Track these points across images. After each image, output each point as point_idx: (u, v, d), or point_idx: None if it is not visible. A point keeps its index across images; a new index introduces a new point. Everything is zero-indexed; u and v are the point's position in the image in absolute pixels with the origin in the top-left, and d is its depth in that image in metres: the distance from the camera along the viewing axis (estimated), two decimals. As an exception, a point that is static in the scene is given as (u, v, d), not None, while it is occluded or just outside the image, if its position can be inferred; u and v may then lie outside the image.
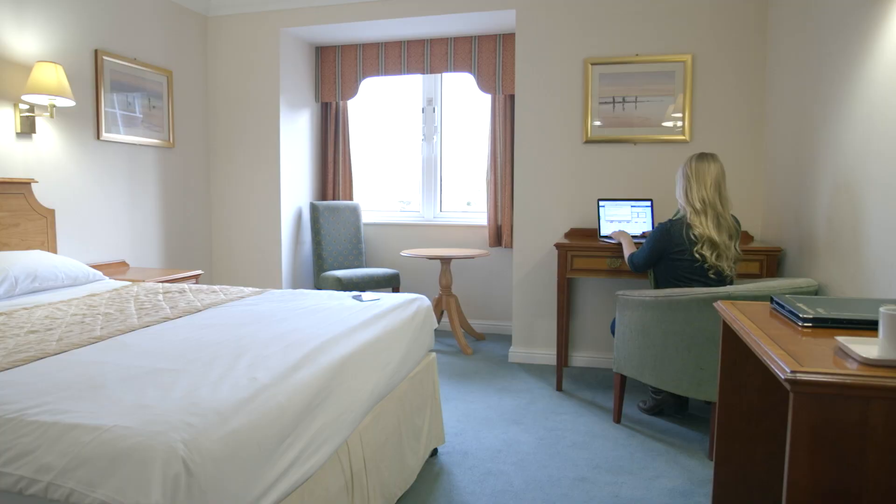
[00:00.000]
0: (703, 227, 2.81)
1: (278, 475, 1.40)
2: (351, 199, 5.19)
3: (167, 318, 2.24)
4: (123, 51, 3.98)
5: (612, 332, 3.20)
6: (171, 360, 1.65)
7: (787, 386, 1.12)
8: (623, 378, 3.07)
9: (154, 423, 1.21)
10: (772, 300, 1.66)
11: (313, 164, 5.17)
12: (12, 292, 2.72)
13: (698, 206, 2.83)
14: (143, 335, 1.97)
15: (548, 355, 4.07)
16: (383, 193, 5.42)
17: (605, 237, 3.64)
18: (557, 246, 3.54)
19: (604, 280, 3.97)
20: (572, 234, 3.97)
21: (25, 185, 3.30)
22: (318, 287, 4.78)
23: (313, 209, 4.81)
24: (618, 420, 3.09)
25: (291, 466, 1.45)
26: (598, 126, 3.94)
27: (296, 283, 4.95)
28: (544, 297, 4.08)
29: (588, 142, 3.96)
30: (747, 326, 1.47)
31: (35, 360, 1.67)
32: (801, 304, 1.52)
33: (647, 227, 3.69)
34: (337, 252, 4.84)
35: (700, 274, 2.85)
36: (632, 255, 3.11)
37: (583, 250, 3.52)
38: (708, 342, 2.63)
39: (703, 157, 2.88)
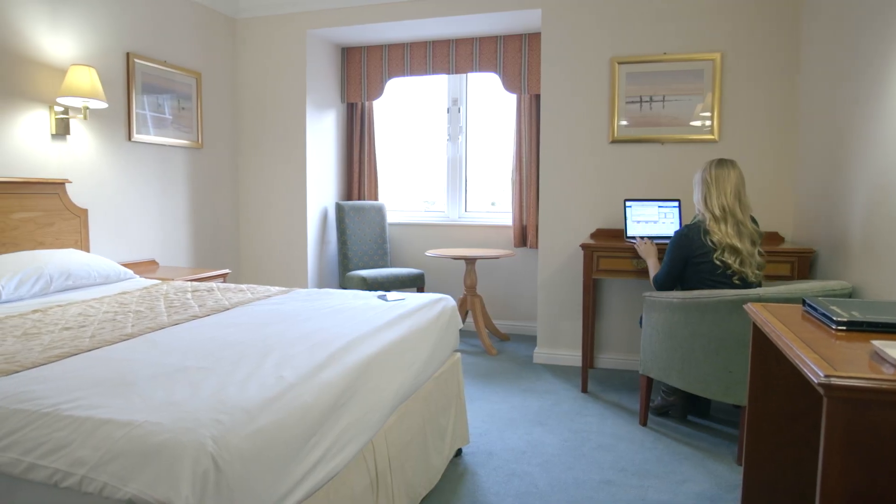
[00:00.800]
0: (723, 234, 2.77)
1: (304, 473, 1.41)
2: (376, 199, 5.21)
3: (196, 317, 2.27)
4: (154, 53, 4.05)
5: (641, 325, 3.18)
6: (199, 358, 1.68)
7: (821, 391, 1.09)
8: (649, 380, 3.03)
9: (184, 419, 1.23)
10: (804, 302, 1.63)
11: (339, 165, 5.21)
12: (47, 290, 2.79)
13: (718, 213, 2.79)
14: (172, 333, 2.01)
15: (573, 356, 4.05)
16: (408, 193, 5.44)
17: (632, 238, 3.60)
18: (583, 246, 3.51)
19: (630, 281, 3.93)
20: (598, 234, 3.94)
21: (60, 185, 3.38)
22: (343, 287, 4.82)
23: (339, 209, 4.85)
24: (644, 423, 3.06)
25: (317, 465, 1.46)
26: (625, 126, 3.90)
27: (321, 283, 4.99)
28: (569, 298, 4.05)
29: (614, 141, 3.92)
30: (778, 329, 1.45)
31: (69, 356, 1.71)
32: (834, 307, 1.49)
33: (676, 228, 3.64)
34: (362, 252, 4.87)
35: (724, 278, 2.80)
36: (655, 276, 3.06)
37: (609, 251, 3.49)
38: (737, 345, 2.58)
39: (722, 163, 2.85)
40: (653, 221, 3.66)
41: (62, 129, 3.42)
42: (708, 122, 3.76)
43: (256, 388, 1.44)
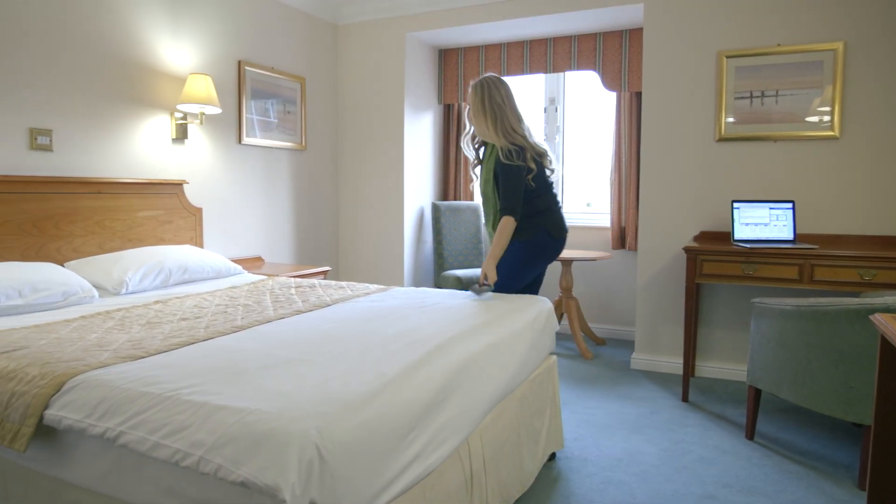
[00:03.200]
0: (533, 147, 2.80)
1: (402, 468, 1.43)
2: (472, 199, 5.24)
3: (299, 312, 2.36)
4: (262, 60, 4.27)
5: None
6: (304, 351, 1.74)
7: (968, 411, 0.98)
8: (757, 392, 2.86)
9: (290, 409, 1.28)
10: (943, 314, 1.48)
11: (435, 165, 5.28)
12: (167, 282, 3.00)
13: (526, 133, 2.79)
14: (278, 326, 2.10)
15: (673, 364, 3.89)
16: (502, 194, 5.41)
17: (739, 241, 3.41)
18: (686, 250, 3.37)
19: (736, 287, 3.73)
20: (703, 237, 3.76)
21: (178, 185, 3.63)
22: (438, 286, 4.87)
23: (435, 209, 4.91)
24: (751, 437, 2.89)
25: (415, 460, 1.48)
26: (732, 123, 3.70)
27: (417, 282, 5.07)
28: (670, 303, 3.89)
29: (721, 140, 3.73)
30: (914, 342, 1.32)
31: (187, 345, 1.83)
32: (981, 320, 1.34)
33: (789, 232, 3.42)
34: (457, 251, 4.90)
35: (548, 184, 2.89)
36: (505, 206, 2.72)
37: (714, 255, 3.32)
38: (859, 358, 2.38)
39: (496, 78, 2.82)
40: (763, 224, 3.45)
41: (181, 134, 3.67)
42: (827, 118, 3.49)
43: (357, 382, 1.48)
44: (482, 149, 2.94)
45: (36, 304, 2.41)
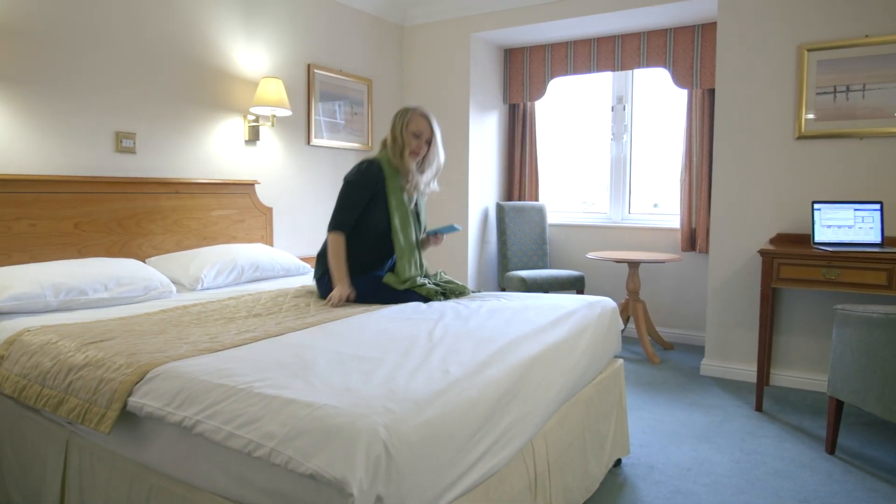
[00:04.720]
0: None
1: (467, 467, 1.43)
2: (536, 199, 5.19)
3: (367, 310, 2.40)
4: (331, 63, 4.36)
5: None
6: (371, 349, 1.77)
7: None
8: (839, 403, 2.71)
9: (359, 405, 1.30)
10: None
11: (500, 165, 5.26)
12: (239, 279, 3.11)
13: None
14: (346, 324, 2.14)
15: (745, 371, 3.73)
16: (569, 194, 5.35)
17: (820, 244, 3.24)
18: (762, 252, 3.23)
19: (815, 292, 3.54)
20: (779, 239, 3.59)
21: (250, 185, 3.75)
22: (501, 287, 4.85)
23: (499, 209, 4.89)
24: (831, 451, 2.74)
25: (479, 460, 1.48)
26: (813, 119, 3.52)
27: (481, 282, 5.06)
28: (744, 308, 3.74)
29: (801, 137, 3.55)
30: None
31: (259, 340, 1.89)
32: None
33: (876, 235, 3.22)
34: (521, 252, 4.87)
35: None
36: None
37: (792, 258, 3.17)
38: (955, 370, 2.23)
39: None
40: (847, 226, 3.27)
41: (253, 136, 3.79)
42: (920, 114, 3.28)
43: (424, 380, 1.49)
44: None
45: (120, 298, 2.55)
